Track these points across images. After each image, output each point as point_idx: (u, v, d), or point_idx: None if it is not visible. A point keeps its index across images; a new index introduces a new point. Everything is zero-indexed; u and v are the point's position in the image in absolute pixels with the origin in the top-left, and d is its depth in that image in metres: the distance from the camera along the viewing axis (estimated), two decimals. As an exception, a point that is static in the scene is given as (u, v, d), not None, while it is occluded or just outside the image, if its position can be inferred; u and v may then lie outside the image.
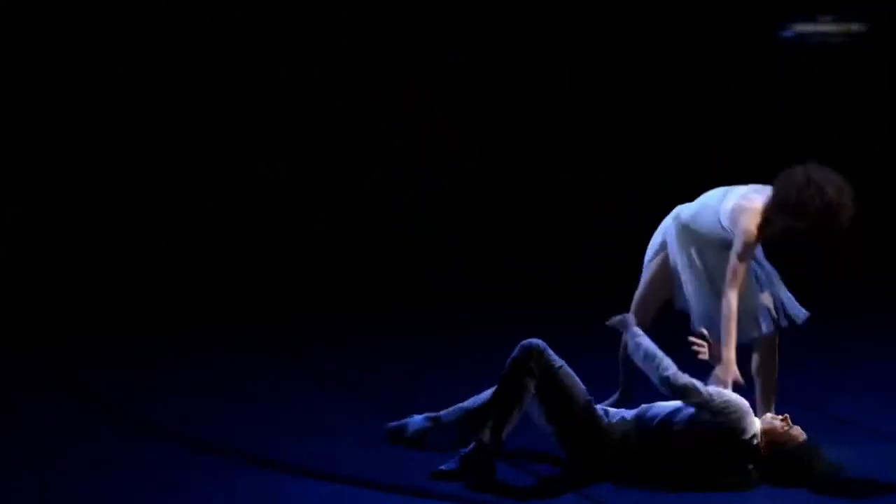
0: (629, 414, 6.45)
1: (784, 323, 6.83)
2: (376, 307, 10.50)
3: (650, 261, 7.08)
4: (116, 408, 7.79)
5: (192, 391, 8.12)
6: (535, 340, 6.44)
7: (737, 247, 6.54)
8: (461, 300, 10.54)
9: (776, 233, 6.63)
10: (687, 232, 6.88)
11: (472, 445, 6.36)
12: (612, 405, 6.74)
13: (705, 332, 6.58)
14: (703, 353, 6.49)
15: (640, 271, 7.12)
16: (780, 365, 6.92)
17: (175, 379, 8.43)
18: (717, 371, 6.47)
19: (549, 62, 11.47)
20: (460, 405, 6.76)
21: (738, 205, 6.62)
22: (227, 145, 10.73)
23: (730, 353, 6.47)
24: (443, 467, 6.37)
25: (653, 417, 6.34)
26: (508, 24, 11.46)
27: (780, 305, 6.84)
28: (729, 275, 6.53)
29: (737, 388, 6.41)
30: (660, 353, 6.37)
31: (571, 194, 11.59)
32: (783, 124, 11.67)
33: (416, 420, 6.85)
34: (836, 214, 6.39)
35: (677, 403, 6.31)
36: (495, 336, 9.20)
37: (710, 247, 6.80)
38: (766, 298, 6.81)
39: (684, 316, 6.88)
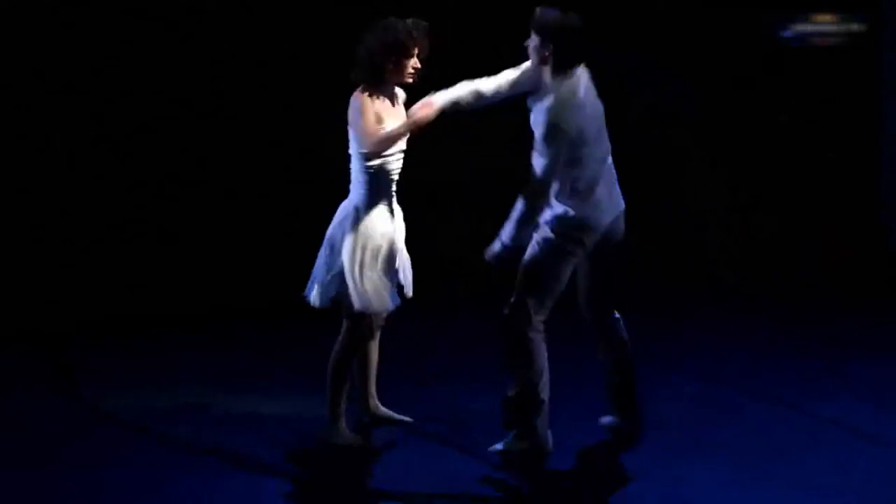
0: None
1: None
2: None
3: None
4: (115, 408, 7.79)
5: (191, 391, 8.11)
6: None
7: (363, 121, 7.36)
8: (461, 301, 10.53)
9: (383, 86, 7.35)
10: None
11: None
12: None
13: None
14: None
15: None
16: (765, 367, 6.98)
17: (175, 379, 8.42)
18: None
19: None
20: None
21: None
22: (226, 145, 10.72)
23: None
24: None
25: None
26: (507, 24, 11.45)
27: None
28: (375, 141, 7.34)
29: None
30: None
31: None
32: (783, 124, 11.65)
33: None
34: (397, 24, 7.38)
35: None
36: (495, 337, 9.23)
37: None
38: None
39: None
